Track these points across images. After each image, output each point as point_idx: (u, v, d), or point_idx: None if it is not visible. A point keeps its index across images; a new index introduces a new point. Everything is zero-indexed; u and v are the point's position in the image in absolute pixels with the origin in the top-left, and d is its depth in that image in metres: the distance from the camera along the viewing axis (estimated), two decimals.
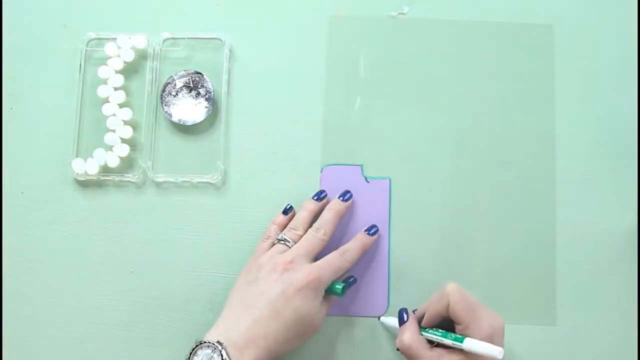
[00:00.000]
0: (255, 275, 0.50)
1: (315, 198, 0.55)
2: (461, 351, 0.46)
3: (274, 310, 0.48)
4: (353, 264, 0.53)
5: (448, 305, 0.47)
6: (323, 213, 0.54)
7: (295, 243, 0.52)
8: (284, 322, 0.48)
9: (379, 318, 0.55)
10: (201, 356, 0.46)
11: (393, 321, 0.52)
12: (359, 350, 0.55)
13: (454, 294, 0.47)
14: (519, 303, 0.55)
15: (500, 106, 0.58)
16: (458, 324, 0.47)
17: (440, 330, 0.48)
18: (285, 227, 0.54)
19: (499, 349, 0.43)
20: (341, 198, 0.55)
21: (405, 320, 0.50)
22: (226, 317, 0.49)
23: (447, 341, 0.47)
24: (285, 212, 0.55)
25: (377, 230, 0.55)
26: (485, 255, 0.55)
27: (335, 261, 0.51)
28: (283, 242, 0.52)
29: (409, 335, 0.48)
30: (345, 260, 0.52)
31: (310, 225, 0.54)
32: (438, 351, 0.47)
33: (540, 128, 0.57)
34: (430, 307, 0.49)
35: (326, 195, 0.55)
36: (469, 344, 0.45)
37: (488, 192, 0.56)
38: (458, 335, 0.46)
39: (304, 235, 0.53)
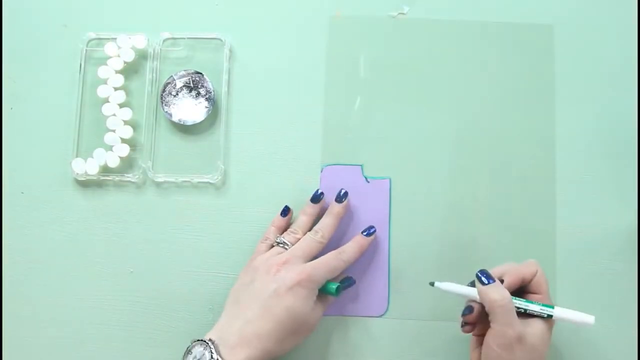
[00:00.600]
0: (251, 276, 0.51)
1: (313, 201, 0.55)
2: (542, 319, 0.47)
3: (266, 309, 0.48)
4: (349, 264, 0.53)
5: (535, 273, 0.48)
6: (323, 217, 0.54)
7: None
8: (276, 321, 0.48)
9: (432, 284, 0.51)
10: (194, 353, 0.47)
11: (454, 286, 0.50)
12: (359, 351, 0.55)
13: (539, 266, 0.49)
14: None
15: (500, 106, 0.58)
16: (538, 293, 0.48)
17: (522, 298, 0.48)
18: (283, 229, 0.55)
19: (592, 316, 0.45)
20: (337, 200, 0.55)
21: (488, 281, 0.47)
22: (223, 318, 0.50)
23: (535, 307, 0.47)
24: (283, 213, 0.55)
25: (374, 231, 0.55)
26: (486, 255, 0.55)
27: (331, 261, 0.51)
28: (282, 244, 0.53)
29: (502, 292, 0.46)
30: (341, 260, 0.52)
31: (310, 229, 0.54)
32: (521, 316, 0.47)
33: (540, 128, 0.57)
34: (514, 273, 0.48)
35: (323, 195, 0.55)
36: (561, 311, 0.47)
37: (488, 193, 0.56)
38: (546, 304, 0.47)
39: (302, 238, 0.53)
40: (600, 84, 0.58)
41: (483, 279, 0.47)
